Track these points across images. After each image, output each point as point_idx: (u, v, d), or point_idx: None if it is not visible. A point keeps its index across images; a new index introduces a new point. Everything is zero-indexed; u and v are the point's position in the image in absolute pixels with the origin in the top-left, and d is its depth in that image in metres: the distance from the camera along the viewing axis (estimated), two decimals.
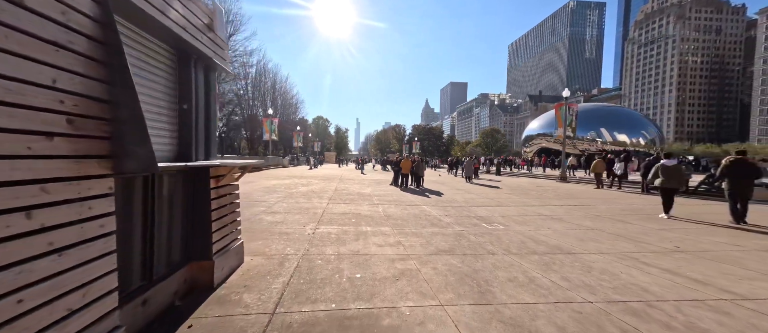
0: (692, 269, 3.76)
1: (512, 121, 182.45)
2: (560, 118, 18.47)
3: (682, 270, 3.73)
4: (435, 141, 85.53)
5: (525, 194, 11.50)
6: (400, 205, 8.57)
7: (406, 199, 9.69)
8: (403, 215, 6.98)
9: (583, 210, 8.16)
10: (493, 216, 7.19)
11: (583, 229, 5.85)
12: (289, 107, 59.53)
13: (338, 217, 6.56)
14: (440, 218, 6.78)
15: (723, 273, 3.64)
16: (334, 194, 10.49)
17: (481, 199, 10.00)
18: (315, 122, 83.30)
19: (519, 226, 6.14)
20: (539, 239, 5.06)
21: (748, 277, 3.51)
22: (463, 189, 13.26)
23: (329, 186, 13.28)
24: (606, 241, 4.98)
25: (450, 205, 8.68)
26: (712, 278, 3.47)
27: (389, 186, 13.99)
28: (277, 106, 52.04)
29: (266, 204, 7.94)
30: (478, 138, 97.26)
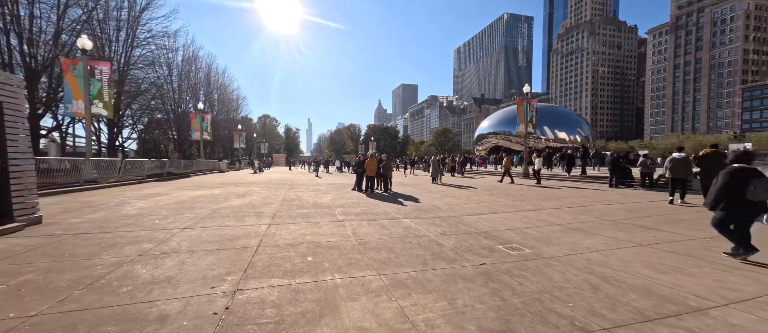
0: None
1: (460, 121, 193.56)
2: (522, 114, 18.24)
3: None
4: (391, 140, 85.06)
5: (506, 195, 10.24)
6: (375, 220, 6.33)
7: (378, 210, 7.49)
8: (384, 240, 4.75)
9: (588, 214, 6.94)
10: (499, 230, 5.42)
11: (634, 247, 4.35)
12: (228, 104, 52.49)
13: (284, 254, 4.05)
14: (437, 241, 4.74)
15: None
16: (280, 207, 7.76)
17: (467, 205, 8.32)
18: (261, 122, 75.95)
19: (549, 246, 4.41)
20: (619, 278, 3.30)
21: None
22: (437, 191, 11.57)
23: (275, 195, 10.36)
24: (702, 270, 3.46)
25: (436, 216, 6.74)
26: None
27: (352, 191, 11.62)
28: (213, 101, 45.21)
29: (163, 234, 4.96)
30: (432, 137, 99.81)
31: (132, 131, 30.47)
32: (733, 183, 3.63)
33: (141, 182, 14.82)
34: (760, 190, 3.42)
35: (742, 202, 3.56)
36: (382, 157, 12.26)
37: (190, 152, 41.25)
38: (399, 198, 9.87)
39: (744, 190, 3.51)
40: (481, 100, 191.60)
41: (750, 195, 3.47)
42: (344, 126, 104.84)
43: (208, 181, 17.00)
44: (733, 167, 3.74)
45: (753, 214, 3.62)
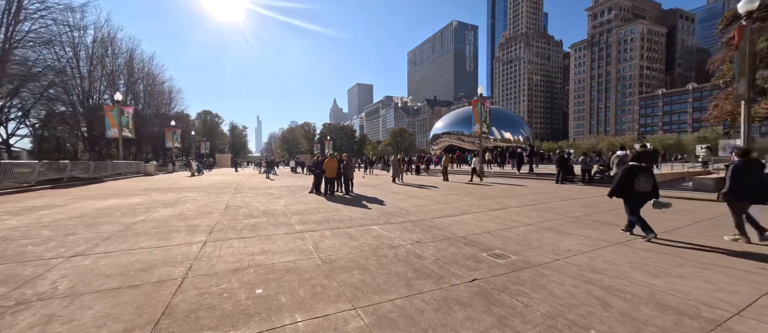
0: None
1: (414, 122, 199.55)
2: (477, 114, 18.91)
3: None
4: (348, 140, 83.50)
5: (470, 194, 10.21)
6: (339, 228, 5.49)
7: (341, 215, 6.64)
8: (354, 255, 3.98)
9: (551, 211, 7.05)
10: (475, 233, 5.05)
11: (610, 246, 4.28)
12: (159, 97, 45.71)
13: (222, 287, 3.02)
14: (415, 251, 4.13)
15: None
16: (222, 218, 6.41)
17: (435, 206, 7.95)
18: (201, 118, 67.99)
19: (532, 251, 4.12)
20: (619, 287, 3.03)
21: None
22: (401, 192, 11.10)
23: (216, 202, 8.76)
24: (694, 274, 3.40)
25: (407, 220, 6.17)
26: None
27: (309, 195, 10.50)
28: (138, 93, 38.81)
29: (33, 267, 3.46)
30: (389, 137, 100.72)
31: (20, 125, 24.19)
32: (627, 177, 4.56)
33: (26, 190, 11.52)
34: (643, 182, 4.44)
35: (633, 192, 4.52)
36: (342, 157, 11.36)
37: (108, 152, 34.68)
38: (363, 200, 9.13)
39: (632, 181, 4.49)
40: (434, 102, 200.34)
41: (637, 186, 4.47)
42: (297, 124, 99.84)
43: (128, 186, 14.08)
44: (628, 165, 4.68)
45: (642, 200, 4.56)
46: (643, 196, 4.50)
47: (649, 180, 4.45)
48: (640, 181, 4.44)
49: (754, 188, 4.10)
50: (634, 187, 4.47)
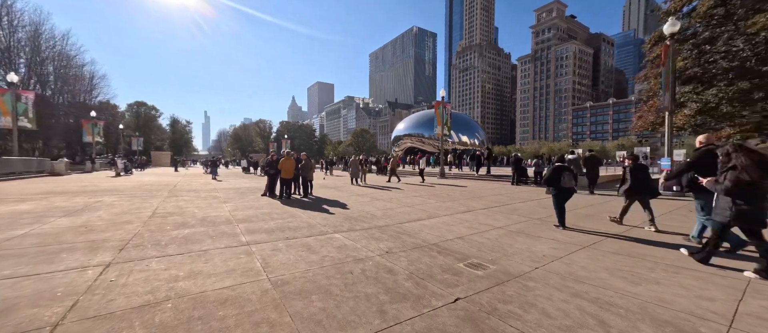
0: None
1: (376, 123, 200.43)
2: (439, 116, 19.19)
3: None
4: (307, 139, 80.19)
5: (435, 196, 10.04)
6: (296, 238, 4.70)
7: (299, 222, 5.82)
8: (314, 274, 3.28)
9: (516, 213, 7.09)
10: (447, 240, 4.70)
11: (581, 250, 4.21)
12: (76, 83, 38.58)
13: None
14: (386, 265, 3.59)
15: None
16: (143, 228, 5.14)
17: (402, 209, 7.52)
18: (133, 110, 59.30)
19: (508, 259, 3.85)
20: (607, 299, 2.81)
21: None
22: (364, 194, 10.50)
23: (140, 208, 7.20)
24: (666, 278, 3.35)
25: (373, 226, 5.61)
26: None
27: (263, 198, 9.35)
28: (45, 76, 32.27)
29: None
30: (350, 138, 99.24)
31: None
32: (556, 173, 5.43)
33: None
34: (567, 179, 5.35)
35: (560, 188, 5.38)
36: (301, 156, 10.38)
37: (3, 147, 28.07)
38: (323, 204, 8.33)
39: (559, 179, 5.35)
40: (395, 104, 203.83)
41: (563, 183, 5.35)
42: (252, 121, 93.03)
43: (20, 189, 11.21)
44: (555, 165, 5.55)
45: (567, 195, 5.44)
46: (567, 191, 5.41)
47: (572, 178, 5.41)
48: (565, 179, 5.35)
49: (643, 185, 5.50)
50: (561, 184, 5.36)
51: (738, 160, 3.22)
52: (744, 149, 3.32)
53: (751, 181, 3.08)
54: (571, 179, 5.35)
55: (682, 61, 10.08)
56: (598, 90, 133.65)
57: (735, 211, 3.18)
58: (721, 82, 9.25)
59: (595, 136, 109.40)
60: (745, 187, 3.12)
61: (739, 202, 3.18)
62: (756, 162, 3.11)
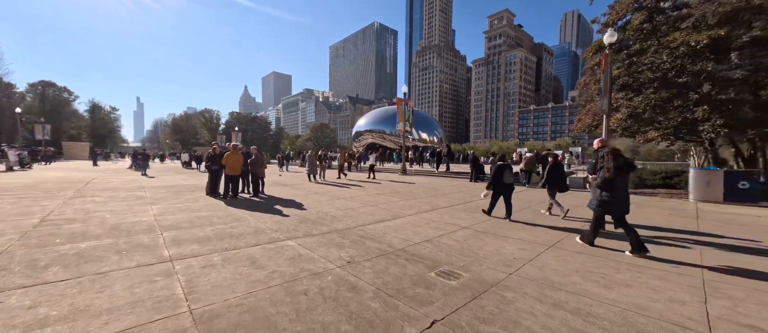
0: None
1: (336, 118, 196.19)
2: (401, 112, 19.03)
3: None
4: (261, 132, 74.76)
5: (397, 194, 9.73)
6: (237, 249, 3.89)
7: (244, 228, 4.94)
8: (256, 299, 2.60)
9: (479, 212, 7.04)
10: (414, 243, 4.33)
11: (548, 250, 4.14)
12: None
13: None
14: (348, 279, 3.05)
15: None
16: (16, 243, 3.82)
17: (364, 209, 7.01)
18: (37, 92, 48.94)
19: (480, 264, 3.60)
20: (585, 308, 2.62)
21: None
22: (323, 192, 9.75)
23: (26, 214, 5.54)
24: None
25: (333, 230, 5.01)
26: None
27: (205, 198, 8.05)
28: None
29: None
30: (309, 132, 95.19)
31: None
32: (498, 172, 6.05)
33: None
34: (507, 176, 6.00)
35: (501, 183, 6.02)
36: (251, 150, 9.21)
37: None
38: (276, 204, 7.43)
39: (501, 176, 6.00)
40: (356, 100, 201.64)
41: (504, 179, 6.01)
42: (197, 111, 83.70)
43: None
44: (498, 164, 6.16)
45: (508, 190, 6.05)
46: (508, 186, 6.06)
47: (510, 175, 6.07)
48: (505, 176, 6.02)
49: (560, 180, 6.45)
50: (503, 180, 6.03)
51: (606, 162, 3.96)
52: (612, 153, 4.00)
53: (612, 179, 3.89)
54: (510, 176, 6.04)
55: (617, 70, 11.14)
56: (540, 95, 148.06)
57: (600, 201, 4.01)
58: (648, 90, 10.46)
59: (537, 137, 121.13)
60: (609, 183, 3.93)
61: (604, 194, 3.96)
62: (618, 165, 3.87)
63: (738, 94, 9.41)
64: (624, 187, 4.01)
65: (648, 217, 6.46)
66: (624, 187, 4.01)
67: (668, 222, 5.98)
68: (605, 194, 3.96)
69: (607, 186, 3.95)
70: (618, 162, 3.90)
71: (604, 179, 3.97)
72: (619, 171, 3.87)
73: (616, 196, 3.91)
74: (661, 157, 53.60)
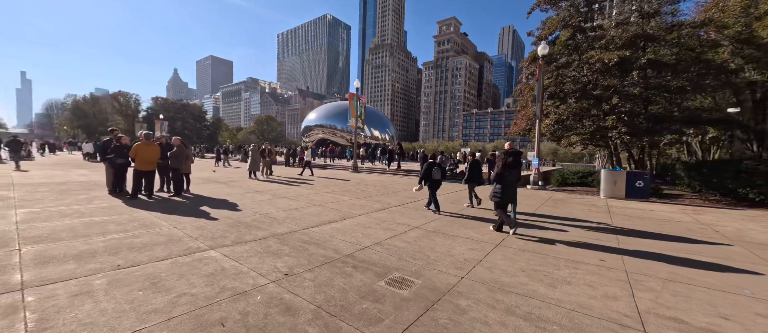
0: None
1: (284, 111, 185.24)
2: (353, 108, 18.50)
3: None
4: (195, 122, 66.12)
5: (347, 192, 9.28)
6: (134, 265, 3.02)
7: (152, 236, 3.96)
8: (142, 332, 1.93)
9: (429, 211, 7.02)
10: (364, 247, 3.98)
11: (496, 249, 4.17)
12: None
13: None
14: (283, 297, 2.55)
15: None
16: None
17: (311, 209, 6.41)
18: None
19: (432, 268, 3.42)
20: (535, 311, 2.55)
21: None
22: (265, 190, 8.77)
23: None
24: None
25: (271, 234, 4.37)
26: None
27: (106, 198, 6.45)
28: None
29: None
30: (253, 124, 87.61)
31: None
32: (428, 169, 6.59)
33: None
34: (435, 173, 6.60)
35: (431, 180, 6.59)
36: (173, 141, 7.75)
37: None
38: (204, 205, 6.33)
39: (431, 172, 6.55)
40: (306, 93, 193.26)
41: (433, 176, 6.58)
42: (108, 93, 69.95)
43: None
44: (428, 162, 6.74)
45: (436, 185, 6.65)
46: (437, 182, 6.64)
47: (438, 172, 6.66)
48: (434, 173, 6.58)
49: (477, 176, 7.28)
50: (432, 177, 6.57)
51: (497, 161, 5.03)
52: (503, 153, 5.09)
53: (500, 174, 4.82)
54: (438, 172, 6.67)
55: (547, 80, 12.39)
56: (481, 100, 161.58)
57: (493, 192, 4.87)
58: (571, 99, 11.90)
59: (479, 138, 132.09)
60: (499, 177, 4.83)
61: (498, 187, 4.82)
62: (504, 163, 4.86)
63: (635, 107, 11.31)
64: (513, 182, 4.88)
65: (571, 211, 7.22)
66: (513, 182, 4.88)
67: (588, 215, 6.73)
68: (498, 186, 4.81)
69: (498, 179, 4.84)
70: (506, 160, 4.85)
71: (497, 174, 4.88)
72: (506, 167, 4.83)
73: (505, 189, 4.76)
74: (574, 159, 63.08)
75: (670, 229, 5.60)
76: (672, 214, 7.06)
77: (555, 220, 6.14)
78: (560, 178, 13.07)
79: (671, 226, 5.85)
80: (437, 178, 6.61)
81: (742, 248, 4.50)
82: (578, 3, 12.21)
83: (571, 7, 12.11)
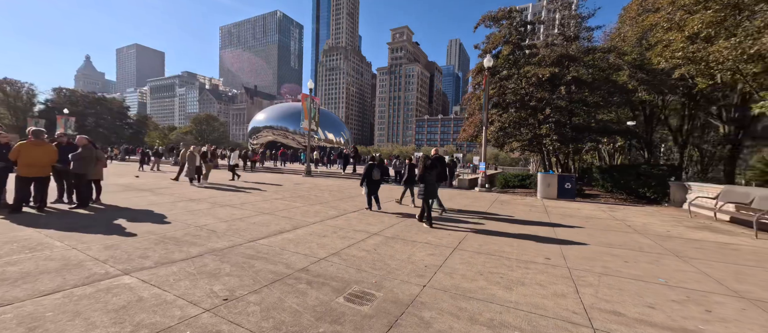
0: None
1: (228, 110, 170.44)
2: (306, 110, 17.69)
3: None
4: (114, 119, 56.46)
5: (300, 198, 8.70)
6: (1, 305, 2.24)
7: (38, 262, 3.07)
8: None
9: (386, 215, 6.91)
10: (319, 259, 3.67)
11: (455, 252, 4.19)
12: None
13: None
14: (218, 329, 2.11)
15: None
16: None
17: (258, 218, 5.78)
18: None
19: (393, 278, 3.26)
20: (495, 316, 2.54)
21: None
22: (201, 198, 7.71)
23: None
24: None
25: (209, 250, 3.76)
26: None
27: None
28: None
29: None
30: (191, 124, 78.21)
31: None
32: (368, 171, 7.10)
33: None
34: (375, 173, 7.07)
35: (371, 180, 7.09)
36: (77, 141, 6.32)
37: None
38: (119, 218, 5.24)
39: (371, 173, 7.04)
40: (254, 92, 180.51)
41: (373, 176, 7.08)
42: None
43: None
44: (368, 163, 7.22)
45: (376, 186, 7.22)
46: (376, 182, 7.16)
47: (378, 172, 7.13)
48: (374, 173, 7.05)
49: (411, 176, 7.96)
50: (372, 177, 7.06)
51: (420, 163, 6.02)
52: (423, 158, 6.09)
53: (422, 175, 5.87)
54: (378, 173, 7.13)
55: (492, 91, 13.42)
56: (432, 107, 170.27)
57: (421, 189, 5.80)
58: (512, 109, 13.09)
59: (430, 143, 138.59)
60: (422, 177, 5.85)
61: (421, 185, 5.83)
62: (425, 165, 5.90)
63: (561, 118, 12.94)
64: (433, 181, 5.88)
65: (514, 211, 7.82)
66: (433, 181, 5.88)
67: (529, 215, 7.35)
68: (421, 185, 5.85)
69: (422, 179, 5.86)
70: (426, 163, 5.93)
71: (420, 175, 5.97)
72: (426, 169, 5.87)
73: (428, 187, 5.76)
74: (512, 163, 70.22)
75: (593, 225, 6.40)
76: (594, 212, 8.14)
77: (503, 221, 6.55)
78: (503, 181, 14.23)
79: (594, 223, 6.69)
80: (377, 179, 7.09)
81: (650, 240, 5.32)
82: (516, 23, 13.57)
83: (510, 26, 13.39)
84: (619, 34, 15.02)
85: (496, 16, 13.62)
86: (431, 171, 5.90)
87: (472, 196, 10.83)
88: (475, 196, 11.09)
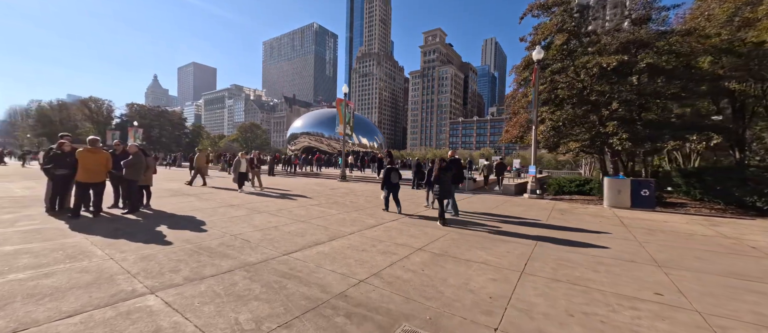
0: None
1: (269, 118, 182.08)
2: (341, 114, 17.66)
3: None
4: (173, 130, 63.18)
5: (336, 204, 8.35)
6: (15, 332, 2.01)
7: (72, 275, 2.93)
8: None
9: (430, 226, 6.21)
10: (359, 281, 3.12)
11: (530, 281, 3.38)
12: None
13: None
14: None
15: None
16: None
17: (292, 227, 5.46)
18: None
19: (450, 309, 2.58)
20: None
21: None
22: (242, 204, 7.71)
23: None
24: None
25: (239, 265, 3.42)
26: None
27: (39, 216, 5.24)
28: None
29: None
30: (237, 132, 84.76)
31: None
32: (387, 174, 7.28)
33: None
34: (394, 177, 7.22)
35: (390, 183, 7.24)
36: (129, 148, 6.63)
37: None
38: (162, 224, 5.26)
39: (390, 176, 7.24)
40: (293, 101, 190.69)
41: (392, 180, 7.22)
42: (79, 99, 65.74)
43: None
44: (387, 167, 7.38)
45: (395, 188, 7.29)
46: (395, 185, 7.26)
47: (396, 176, 7.27)
48: (392, 177, 7.21)
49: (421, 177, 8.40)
50: (392, 181, 7.20)
51: (435, 165, 6.25)
52: (439, 161, 6.28)
53: (437, 176, 6.07)
54: (396, 177, 7.24)
55: (542, 86, 12.02)
56: (467, 109, 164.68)
57: (436, 190, 6.04)
58: (567, 105, 11.56)
59: (465, 146, 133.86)
60: (437, 179, 6.04)
61: (437, 186, 6.02)
62: (440, 167, 6.13)
63: (630, 113, 11.08)
64: (447, 181, 6.10)
65: (579, 222, 6.60)
66: (447, 181, 6.10)
67: (602, 228, 6.09)
68: (437, 186, 6.02)
69: (437, 181, 6.05)
70: (441, 165, 6.16)
71: (435, 177, 6.14)
72: (441, 171, 6.07)
73: (442, 187, 5.98)
74: (558, 166, 64.25)
75: (697, 245, 5.03)
76: (690, 226, 6.56)
77: (570, 234, 5.46)
78: (557, 186, 12.64)
79: (697, 242, 5.29)
80: (395, 182, 7.22)
81: None
82: (571, 9, 12.03)
83: (564, 12, 11.90)
84: (701, 12, 12.59)
85: (547, 3, 12.21)
86: (446, 173, 6.09)
87: (522, 204, 9.63)
88: (526, 203, 9.87)
